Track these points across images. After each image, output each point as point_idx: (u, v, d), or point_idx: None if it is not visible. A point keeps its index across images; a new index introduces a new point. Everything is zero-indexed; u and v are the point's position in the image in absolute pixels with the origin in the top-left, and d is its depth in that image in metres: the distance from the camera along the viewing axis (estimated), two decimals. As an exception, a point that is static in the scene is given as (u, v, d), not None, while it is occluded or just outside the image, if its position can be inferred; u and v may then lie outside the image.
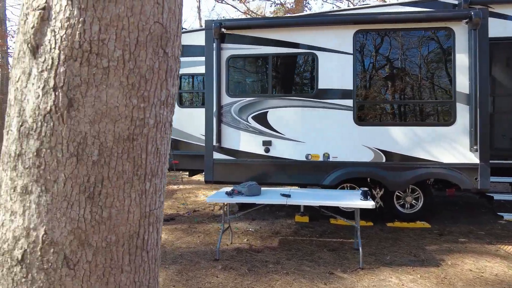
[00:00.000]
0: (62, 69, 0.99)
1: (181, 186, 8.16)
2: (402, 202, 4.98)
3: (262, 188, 4.06)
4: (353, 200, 3.63)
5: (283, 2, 12.87)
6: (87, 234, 1.00)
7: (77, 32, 0.99)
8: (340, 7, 16.00)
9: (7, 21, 14.28)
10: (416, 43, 4.61)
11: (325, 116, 4.67)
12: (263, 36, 4.81)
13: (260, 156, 4.80)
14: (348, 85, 4.64)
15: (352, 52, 4.62)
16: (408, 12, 4.49)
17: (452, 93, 4.50)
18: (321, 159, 4.69)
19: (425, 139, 4.52)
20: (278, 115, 4.79)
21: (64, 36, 0.99)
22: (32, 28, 1.01)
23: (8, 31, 13.82)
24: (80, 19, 0.99)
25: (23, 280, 0.97)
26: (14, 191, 1.00)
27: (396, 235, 4.41)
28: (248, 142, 4.82)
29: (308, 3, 12.88)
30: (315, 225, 4.89)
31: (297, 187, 5.08)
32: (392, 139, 4.58)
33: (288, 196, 3.75)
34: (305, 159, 4.73)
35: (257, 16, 14.70)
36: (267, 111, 4.79)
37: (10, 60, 13.77)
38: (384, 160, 4.59)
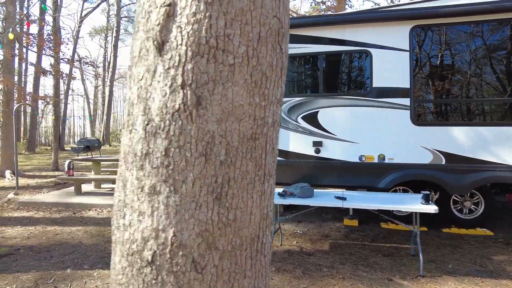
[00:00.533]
0: (189, 66, 0.96)
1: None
2: (460, 207, 4.69)
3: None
4: (414, 204, 3.44)
5: (324, 0, 12.64)
6: (214, 236, 0.96)
7: (204, 27, 0.96)
8: (379, 4, 15.49)
9: (61, 30, 15.21)
10: (481, 37, 4.29)
11: (380, 115, 4.48)
12: (313, 35, 4.70)
13: (310, 157, 4.69)
14: (405, 83, 4.42)
15: (408, 48, 4.40)
16: (472, 4, 4.18)
17: (523, 90, 4.16)
18: (375, 160, 4.51)
19: (490, 140, 4.21)
20: (329, 115, 4.65)
21: (190, 32, 0.96)
22: (157, 25, 0.99)
23: (62, 39, 14.63)
24: (207, 14, 0.96)
25: (153, 281, 0.95)
26: (141, 191, 0.98)
27: (455, 242, 4.15)
28: (298, 143, 4.73)
29: (349, 0, 12.56)
30: (365, 229, 4.71)
31: (344, 189, 4.93)
32: (453, 140, 4.31)
33: (343, 199, 3.62)
34: (358, 161, 4.57)
35: (297, 16, 14.56)
36: (318, 111, 4.67)
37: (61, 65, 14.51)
38: (443, 162, 4.33)
